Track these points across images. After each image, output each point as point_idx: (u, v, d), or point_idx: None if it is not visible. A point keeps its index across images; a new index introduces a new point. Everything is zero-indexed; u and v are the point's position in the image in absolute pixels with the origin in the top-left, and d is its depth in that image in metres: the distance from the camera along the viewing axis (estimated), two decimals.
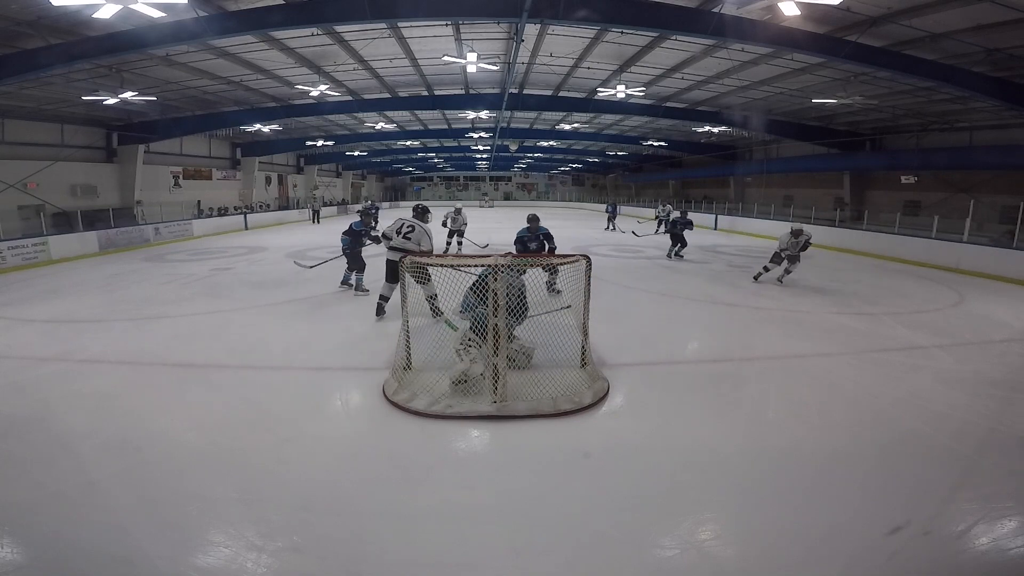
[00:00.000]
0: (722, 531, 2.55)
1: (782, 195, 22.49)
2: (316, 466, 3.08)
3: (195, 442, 3.35)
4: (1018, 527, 2.53)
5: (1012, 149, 13.35)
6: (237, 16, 8.55)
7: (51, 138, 15.27)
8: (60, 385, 4.33)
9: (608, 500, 2.74)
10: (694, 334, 6.11)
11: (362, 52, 11.53)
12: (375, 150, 30.96)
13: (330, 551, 2.36)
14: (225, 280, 9.30)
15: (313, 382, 4.49)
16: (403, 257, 4.39)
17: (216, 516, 2.61)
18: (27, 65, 9.19)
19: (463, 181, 52.26)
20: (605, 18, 8.81)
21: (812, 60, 10.68)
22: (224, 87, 14.02)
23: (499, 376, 3.74)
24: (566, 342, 4.42)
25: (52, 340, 5.62)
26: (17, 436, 3.40)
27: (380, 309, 6.18)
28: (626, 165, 38.30)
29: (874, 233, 14.18)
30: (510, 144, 28.28)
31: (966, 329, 6.29)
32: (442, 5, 8.59)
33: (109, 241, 13.61)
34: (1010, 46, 8.85)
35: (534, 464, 3.11)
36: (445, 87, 15.69)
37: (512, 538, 2.46)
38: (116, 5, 6.56)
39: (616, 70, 12.96)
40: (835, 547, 2.39)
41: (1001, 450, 3.27)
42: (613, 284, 8.68)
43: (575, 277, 4.30)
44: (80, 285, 8.78)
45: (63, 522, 2.52)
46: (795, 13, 7.36)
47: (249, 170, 24.46)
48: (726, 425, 3.61)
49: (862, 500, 2.73)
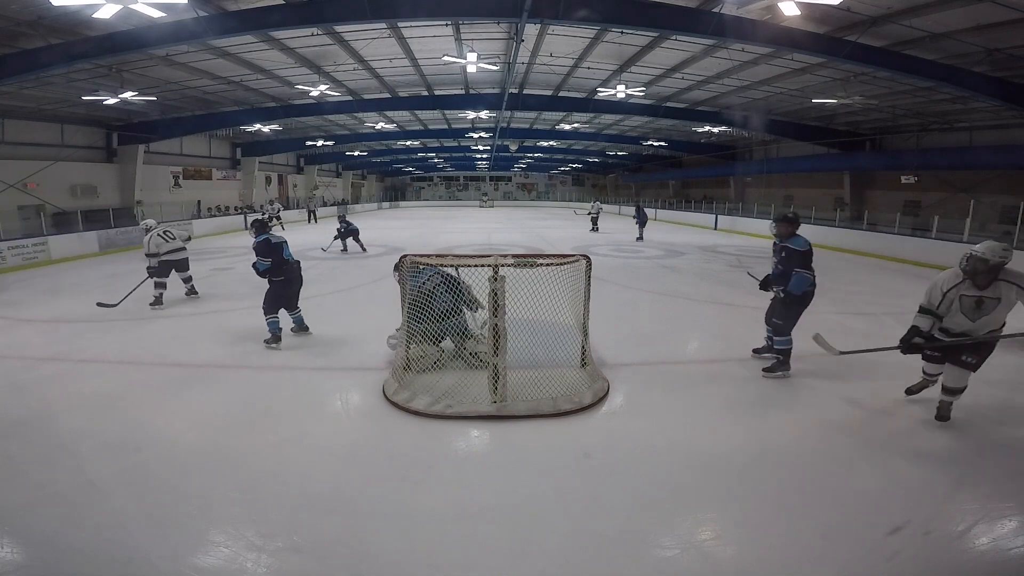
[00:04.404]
0: (722, 531, 2.55)
1: (782, 195, 22.49)
2: (316, 466, 3.08)
3: (195, 442, 3.35)
4: (1018, 527, 2.53)
5: (1012, 149, 13.35)
6: (237, 16, 8.56)
7: (51, 138, 15.28)
8: (60, 385, 4.33)
9: (608, 500, 2.74)
10: (694, 334, 6.11)
11: (362, 52, 11.53)
12: (375, 150, 30.97)
13: (330, 551, 2.36)
14: (225, 280, 9.30)
15: (313, 382, 4.49)
16: (403, 257, 4.39)
17: (216, 516, 2.61)
18: (27, 65, 9.20)
19: (463, 181, 52.26)
20: (605, 18, 8.82)
21: (812, 60, 10.68)
22: (224, 87, 14.02)
23: (499, 376, 3.74)
24: (566, 342, 4.42)
25: (52, 340, 5.62)
26: (17, 436, 3.40)
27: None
28: (626, 165, 38.32)
29: (874, 233, 14.17)
30: (510, 144, 28.31)
31: None
32: (442, 5, 8.59)
33: (109, 241, 13.61)
34: (1010, 46, 8.85)
35: (534, 464, 3.11)
36: (445, 87, 15.70)
37: (512, 538, 2.46)
38: (116, 5, 6.57)
39: (616, 70, 12.97)
40: (835, 547, 2.38)
41: (1001, 450, 3.27)
42: (613, 284, 8.68)
43: (575, 277, 4.30)
44: (80, 285, 8.78)
45: (63, 522, 2.52)
46: (795, 13, 7.37)
47: (249, 170, 24.46)
48: (726, 425, 3.61)
49: (862, 500, 2.72)
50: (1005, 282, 3.23)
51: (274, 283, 5.31)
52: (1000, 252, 3.17)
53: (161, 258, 7.00)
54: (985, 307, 3.27)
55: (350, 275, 9.84)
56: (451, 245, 14.54)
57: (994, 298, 3.24)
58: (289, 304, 5.49)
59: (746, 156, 25.20)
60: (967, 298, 3.29)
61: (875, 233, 14.13)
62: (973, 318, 3.31)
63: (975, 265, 3.22)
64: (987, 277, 3.22)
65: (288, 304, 5.47)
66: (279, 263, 5.27)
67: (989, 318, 3.29)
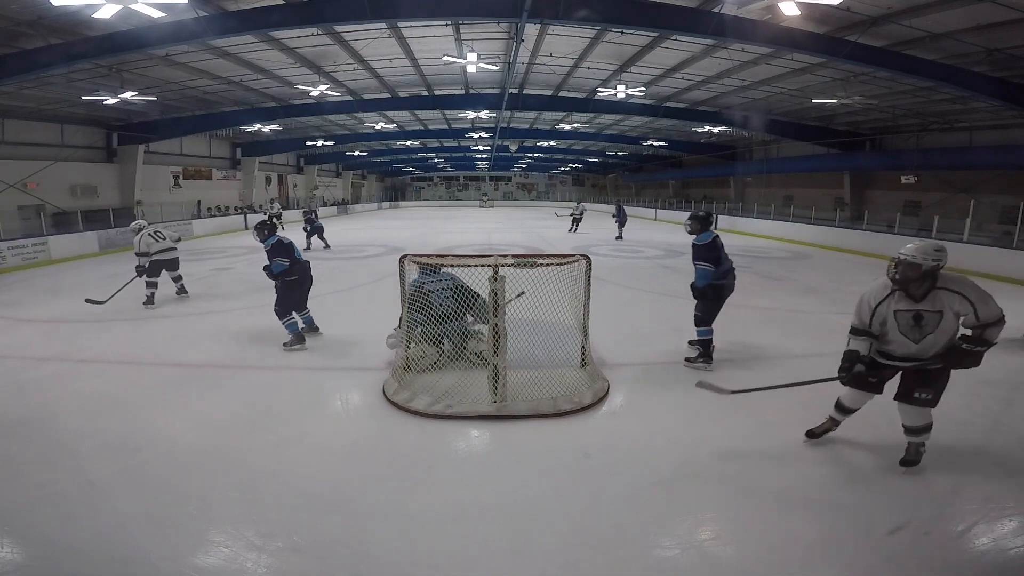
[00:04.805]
0: (722, 531, 2.55)
1: (782, 195, 22.49)
2: (316, 466, 3.08)
3: (195, 442, 3.35)
4: (1018, 527, 2.53)
5: (1012, 149, 13.36)
6: (237, 16, 8.56)
7: (51, 138, 15.28)
8: (60, 385, 4.32)
9: (608, 500, 2.74)
10: (694, 334, 6.09)
11: (362, 52, 11.53)
12: (375, 150, 30.98)
13: (330, 551, 2.36)
14: (225, 280, 9.30)
15: (313, 382, 4.49)
16: (403, 257, 4.40)
17: (216, 516, 2.61)
18: (27, 65, 9.20)
19: (463, 181, 52.27)
20: (605, 18, 8.81)
21: (812, 60, 10.69)
22: (224, 87, 14.03)
23: (499, 376, 3.74)
24: (566, 342, 4.42)
25: (52, 340, 5.62)
26: (17, 436, 3.40)
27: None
28: (626, 165, 38.32)
29: (874, 233, 14.18)
30: (510, 144, 28.32)
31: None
32: (442, 5, 8.59)
33: (109, 241, 13.60)
34: (1010, 46, 8.86)
35: (534, 464, 3.11)
36: (445, 87, 15.70)
37: (512, 538, 2.46)
38: (116, 5, 6.57)
39: (616, 70, 12.97)
40: (835, 547, 2.38)
41: (1001, 450, 3.27)
42: (613, 284, 8.67)
43: (575, 277, 4.30)
44: (80, 285, 8.77)
45: (63, 522, 2.53)
46: (795, 13, 7.37)
47: (249, 170, 24.47)
48: (726, 425, 3.61)
49: (862, 500, 2.72)
50: (946, 291, 2.61)
51: (287, 283, 5.23)
52: (933, 254, 2.57)
53: (152, 258, 7.04)
54: (926, 324, 2.63)
55: (350, 275, 9.84)
56: (451, 245, 14.54)
57: (935, 311, 2.62)
58: (299, 304, 5.45)
59: (746, 156, 25.20)
60: (903, 314, 2.69)
61: (875, 233, 14.14)
62: (914, 338, 2.69)
63: (905, 272, 2.61)
64: (922, 286, 2.62)
65: (299, 304, 5.44)
66: (292, 263, 5.24)
67: (934, 338, 2.66)
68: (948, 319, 2.62)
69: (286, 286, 5.23)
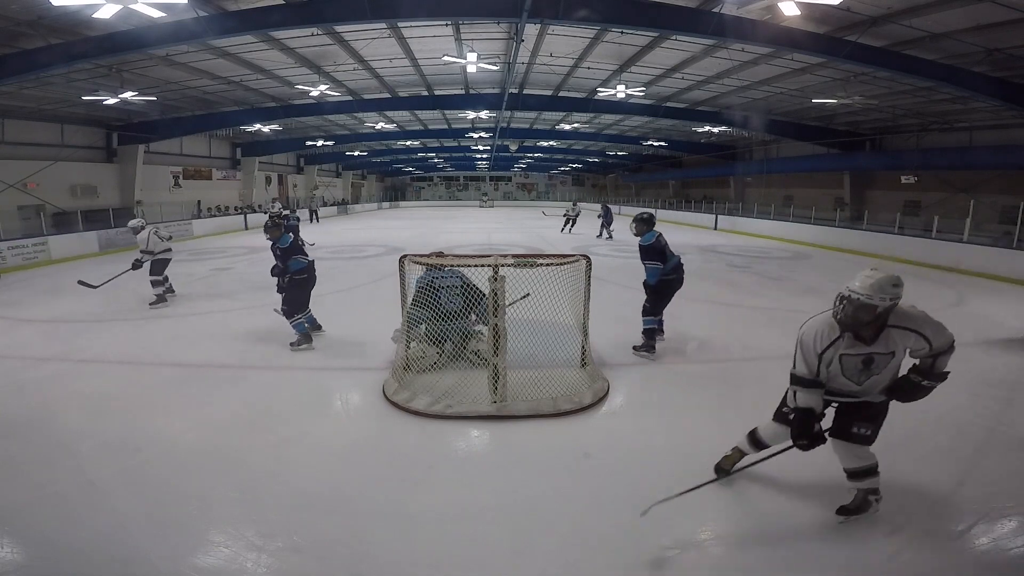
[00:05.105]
0: (722, 531, 2.56)
1: (782, 195, 22.50)
2: (316, 466, 3.08)
3: (195, 442, 3.35)
4: (1018, 527, 2.53)
5: (1012, 149, 13.36)
6: (237, 16, 8.56)
7: (51, 138, 15.29)
8: (60, 385, 4.33)
9: (608, 500, 2.74)
10: (694, 334, 6.09)
11: (362, 52, 11.53)
12: (375, 150, 30.99)
13: (330, 551, 2.36)
14: (225, 280, 9.30)
15: (313, 382, 4.49)
16: (403, 256, 4.39)
17: (216, 516, 2.61)
18: (27, 65, 9.20)
19: (463, 181, 52.27)
20: (605, 18, 8.82)
21: (812, 60, 10.69)
22: (224, 87, 14.03)
23: (499, 376, 3.74)
24: (566, 342, 4.42)
25: (52, 340, 5.62)
26: (17, 436, 3.40)
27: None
28: (626, 165, 38.32)
29: (874, 233, 14.18)
30: (510, 144, 28.31)
31: (966, 329, 6.26)
32: (442, 5, 8.59)
33: (109, 241, 13.60)
34: (1010, 46, 8.86)
35: (534, 464, 3.11)
36: (445, 87, 15.70)
37: (512, 538, 2.46)
38: (116, 5, 6.57)
39: (616, 70, 12.97)
40: (835, 547, 2.39)
41: (1001, 450, 3.27)
42: (613, 284, 8.67)
43: (575, 277, 4.30)
44: (80, 285, 8.76)
45: (63, 522, 2.53)
46: (795, 13, 7.37)
47: (249, 170, 24.48)
48: (726, 425, 3.60)
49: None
50: (899, 328, 2.24)
51: (297, 281, 5.21)
52: (891, 291, 2.16)
53: (156, 256, 7.05)
54: (876, 366, 2.31)
55: (350, 275, 9.83)
56: (451, 245, 14.53)
57: (886, 353, 2.27)
58: (305, 304, 5.44)
59: (746, 156, 25.20)
60: (850, 358, 2.32)
61: (875, 233, 14.14)
62: (859, 381, 2.37)
63: (858, 315, 2.20)
64: (875, 328, 2.25)
65: (305, 304, 5.43)
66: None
67: (880, 377, 2.35)
68: (898, 358, 2.32)
69: (296, 285, 5.21)
